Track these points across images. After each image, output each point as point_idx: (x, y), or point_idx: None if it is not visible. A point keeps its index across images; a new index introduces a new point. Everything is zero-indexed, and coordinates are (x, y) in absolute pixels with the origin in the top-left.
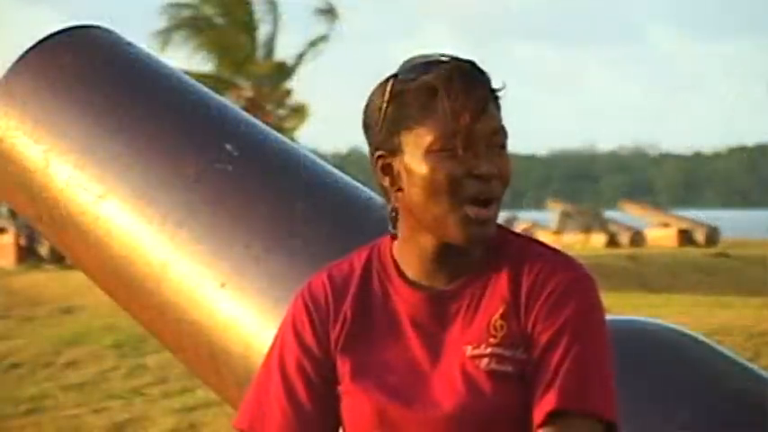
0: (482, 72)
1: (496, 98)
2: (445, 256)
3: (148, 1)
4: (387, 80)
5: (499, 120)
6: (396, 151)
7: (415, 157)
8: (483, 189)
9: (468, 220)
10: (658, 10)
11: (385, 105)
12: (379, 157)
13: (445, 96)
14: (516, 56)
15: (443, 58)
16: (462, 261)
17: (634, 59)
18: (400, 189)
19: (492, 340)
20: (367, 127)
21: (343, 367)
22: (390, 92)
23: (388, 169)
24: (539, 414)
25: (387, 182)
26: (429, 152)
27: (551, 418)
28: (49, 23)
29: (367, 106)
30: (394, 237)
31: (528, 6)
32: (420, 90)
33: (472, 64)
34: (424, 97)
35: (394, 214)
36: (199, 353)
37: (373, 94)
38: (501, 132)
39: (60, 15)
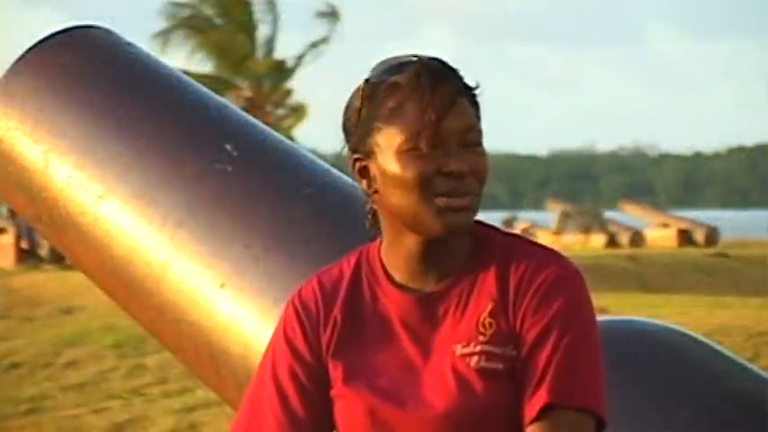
0: (452, 70)
1: (473, 96)
2: (430, 256)
3: (147, 3)
4: (362, 83)
5: (472, 117)
6: (370, 153)
7: (387, 158)
8: (455, 186)
9: (442, 211)
10: (657, 10)
11: (358, 108)
12: (356, 159)
13: (411, 95)
14: (517, 57)
15: (413, 59)
16: (449, 260)
17: (634, 60)
18: (377, 191)
19: (481, 338)
20: (345, 130)
21: (335, 371)
22: (362, 94)
23: (364, 172)
24: (529, 410)
25: (364, 184)
26: (399, 152)
27: (542, 413)
28: (48, 24)
29: (345, 109)
30: (374, 239)
31: (527, 8)
32: (389, 91)
33: (441, 62)
34: (392, 98)
35: (370, 216)
36: (198, 353)
37: (350, 97)
38: (474, 130)
39: (61, 16)
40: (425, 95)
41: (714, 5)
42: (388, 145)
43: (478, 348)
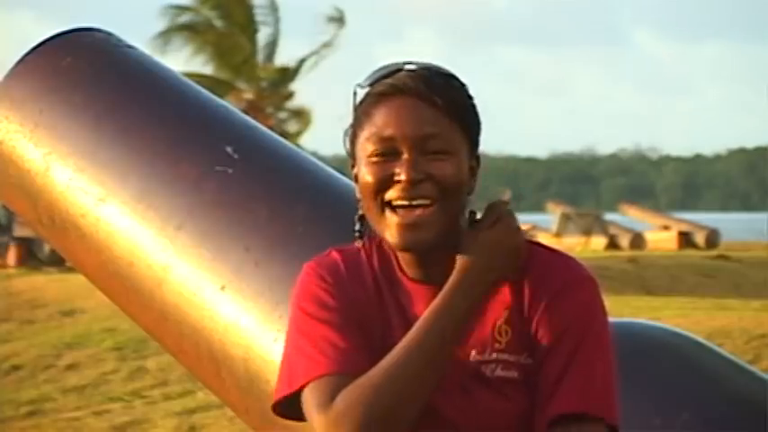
0: (434, 81)
1: (454, 107)
2: (425, 261)
3: (138, 6)
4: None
5: (436, 126)
6: (354, 159)
7: (360, 163)
8: (403, 194)
9: (396, 225)
10: (640, 13)
11: (353, 114)
12: (352, 166)
13: (378, 103)
14: (504, 58)
15: (408, 66)
16: (451, 262)
17: (622, 62)
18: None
19: (497, 345)
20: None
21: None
22: (353, 100)
23: (355, 178)
24: (544, 418)
25: (357, 190)
26: (366, 158)
27: (555, 423)
28: (31, 30)
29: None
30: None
31: (513, 10)
32: (366, 98)
33: (428, 72)
34: (368, 105)
35: (359, 222)
36: (199, 356)
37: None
38: (437, 139)
39: (47, 22)
40: (393, 105)
41: (695, 9)
42: (361, 151)
43: (495, 356)
